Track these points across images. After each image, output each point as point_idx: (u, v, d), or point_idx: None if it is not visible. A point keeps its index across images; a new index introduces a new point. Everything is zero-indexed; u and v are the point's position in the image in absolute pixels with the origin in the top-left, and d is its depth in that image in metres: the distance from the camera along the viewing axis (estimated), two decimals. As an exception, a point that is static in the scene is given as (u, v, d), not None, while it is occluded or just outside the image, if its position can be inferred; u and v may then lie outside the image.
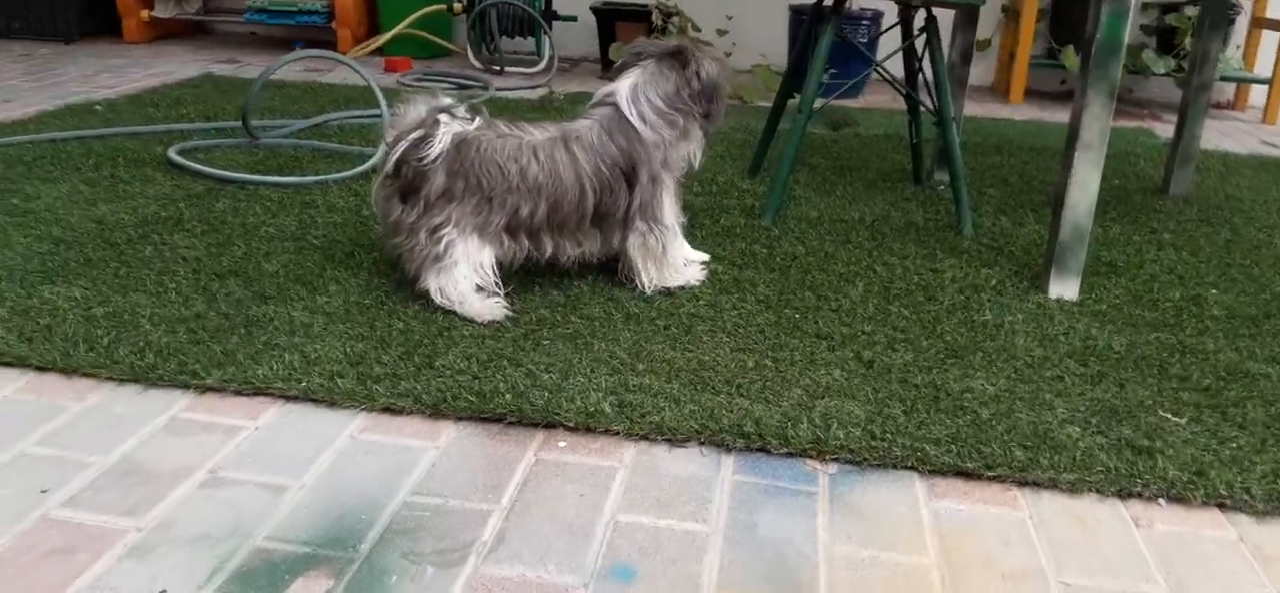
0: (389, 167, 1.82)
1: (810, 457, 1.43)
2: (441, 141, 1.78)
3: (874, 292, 2.02)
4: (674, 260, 1.97)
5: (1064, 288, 2.05)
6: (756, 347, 1.73)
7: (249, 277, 1.92)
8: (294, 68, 4.41)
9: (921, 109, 2.75)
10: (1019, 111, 4.25)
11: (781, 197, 2.44)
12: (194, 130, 3.05)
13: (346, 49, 4.82)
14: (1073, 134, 1.99)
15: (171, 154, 2.68)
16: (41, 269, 1.91)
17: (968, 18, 2.82)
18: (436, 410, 1.49)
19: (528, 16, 4.61)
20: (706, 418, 1.48)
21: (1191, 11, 4.30)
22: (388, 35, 4.75)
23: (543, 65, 4.63)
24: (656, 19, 4.48)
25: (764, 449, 1.44)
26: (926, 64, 2.58)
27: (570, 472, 1.38)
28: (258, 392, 1.53)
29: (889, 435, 1.46)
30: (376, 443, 1.42)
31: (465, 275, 1.81)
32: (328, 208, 2.36)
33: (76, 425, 1.43)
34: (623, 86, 1.93)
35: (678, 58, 1.94)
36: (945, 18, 2.68)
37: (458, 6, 4.74)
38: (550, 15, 4.76)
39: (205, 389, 1.54)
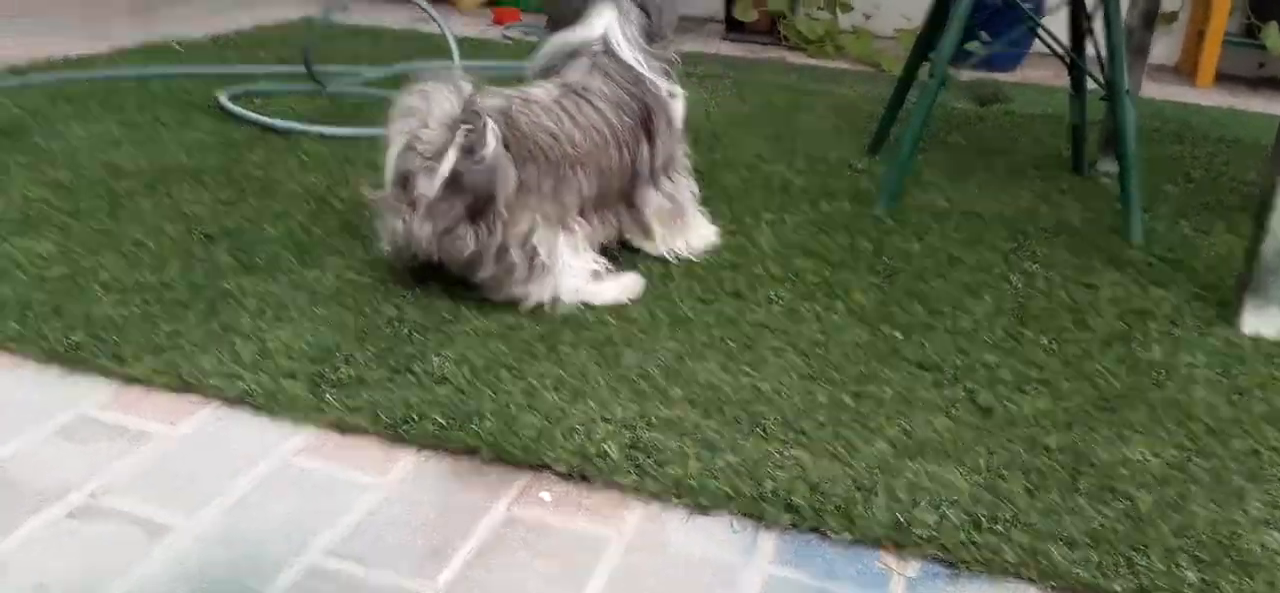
0: (436, 188, 1.39)
1: (884, 548, 1.03)
2: (493, 131, 1.40)
3: (1005, 310, 1.57)
4: (697, 217, 1.73)
5: (1263, 323, 1.55)
6: (836, 376, 1.33)
7: (243, 240, 1.64)
8: (401, 15, 4.18)
9: (1088, 82, 2.25)
10: (1208, 96, 3.61)
11: (900, 181, 2.00)
12: (261, 74, 2.81)
13: (462, 0, 4.56)
14: (1292, 119, 1.49)
15: (221, 98, 2.43)
16: (22, 218, 1.67)
17: (1154, -27, 2.28)
18: (396, 434, 1.15)
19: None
20: (746, 477, 1.09)
21: None
22: (499, -15, 4.45)
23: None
24: (788, -24, 4.03)
25: (819, 530, 1.04)
26: (1099, 26, 2.08)
27: (547, 539, 1.01)
28: (189, 388, 1.23)
29: (1002, 527, 1.04)
30: (310, 472, 1.10)
31: (584, 264, 1.50)
32: (367, 165, 2.06)
33: (-38, 417, 1.16)
34: (610, 27, 1.61)
35: None
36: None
37: (575, -43, 4.39)
38: (673, -31, 4.36)
39: (131, 381, 1.24)
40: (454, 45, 2.52)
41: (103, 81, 2.61)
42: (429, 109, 1.40)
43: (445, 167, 1.36)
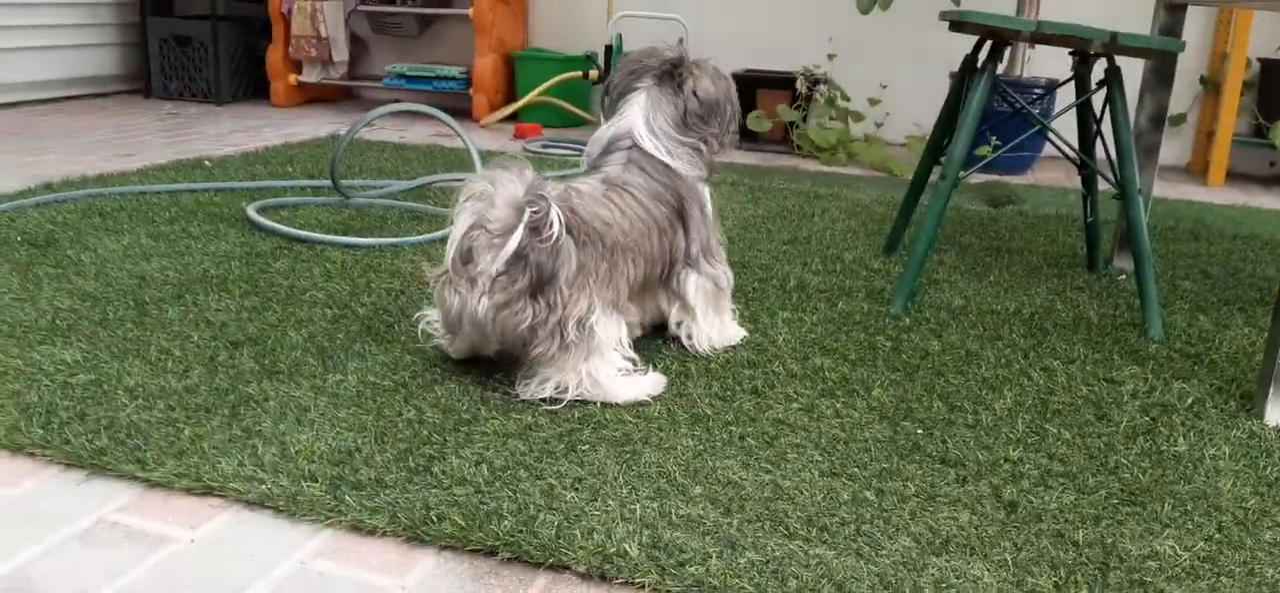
0: (501, 265, 1.44)
1: (909, 645, 1.00)
2: (557, 213, 1.45)
3: (1026, 405, 1.56)
4: (730, 305, 1.78)
5: (1291, 415, 1.53)
6: (857, 472, 1.32)
7: (267, 346, 1.66)
8: (425, 130, 4.28)
9: (1099, 181, 2.27)
10: (1219, 195, 3.63)
11: (916, 279, 2.01)
12: (289, 187, 2.88)
13: (483, 116, 4.67)
14: (1305, 210, 1.49)
15: (249, 210, 2.49)
16: (51, 326, 1.70)
17: (1160, 75, 2.33)
18: (415, 535, 1.15)
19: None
20: (769, 576, 1.08)
21: None
22: (522, 102, 4.57)
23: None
24: (801, 87, 4.12)
25: (843, 628, 1.02)
26: (1107, 126, 2.11)
27: (566, 639, 1.00)
28: (210, 492, 1.23)
29: (1028, 621, 1.02)
30: (327, 575, 1.09)
31: (623, 351, 1.54)
32: (392, 273, 2.09)
33: (-14, 521, 1.17)
34: (635, 123, 1.67)
35: (673, 77, 1.70)
36: (1132, 75, 2.22)
37: (593, 74, 4.52)
38: (688, 81, 4.46)
39: (152, 485, 1.25)
40: (478, 158, 2.58)
41: (133, 196, 2.68)
42: (495, 192, 1.46)
43: (511, 244, 1.42)
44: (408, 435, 1.37)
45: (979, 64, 2.07)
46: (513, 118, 4.62)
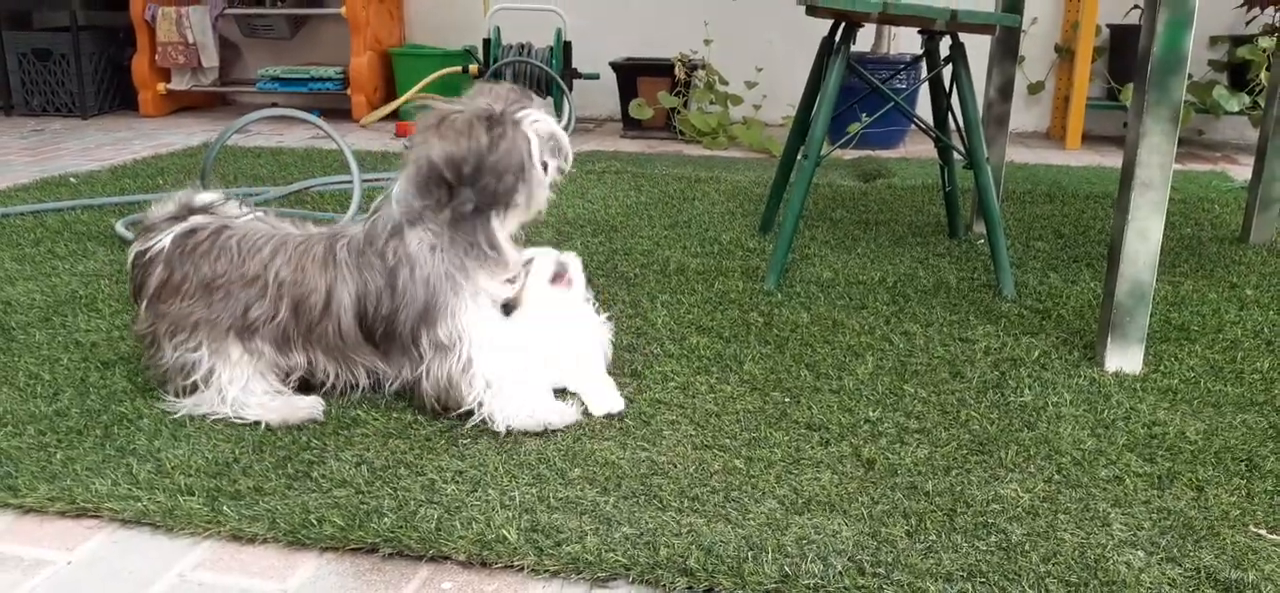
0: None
1: (773, 600, 1.07)
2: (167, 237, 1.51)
3: (886, 368, 1.65)
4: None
5: (1123, 359, 1.66)
6: (728, 444, 1.38)
7: (140, 364, 1.63)
8: (303, 134, 4.21)
9: (955, 152, 2.39)
10: (1076, 158, 3.84)
11: (786, 255, 2.09)
12: (157, 200, 2.80)
13: (362, 115, 4.62)
14: (1128, 171, 1.62)
15: (118, 226, 2.43)
16: (-92, 360, 1.65)
17: (1006, 48, 2.46)
18: (295, 539, 1.16)
19: (546, 76, 4.35)
20: (642, 547, 1.13)
21: (1266, 42, 3.87)
22: (402, 100, 4.53)
23: (563, 124, 4.36)
24: (680, 73, 4.20)
25: (712, 591, 1.08)
26: (956, 100, 2.22)
27: (448, 625, 1.04)
28: (85, 513, 1.22)
29: (883, 569, 1.09)
30: (208, 585, 1.10)
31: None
32: (269, 281, 2.07)
33: None
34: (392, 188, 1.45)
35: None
36: (981, 47, 2.35)
37: (474, 68, 4.51)
38: (571, 74, 4.50)
39: (25, 511, 1.23)
40: (352, 161, 2.57)
41: (-7, 219, 2.59)
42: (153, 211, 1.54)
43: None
44: (287, 443, 1.38)
45: (835, 44, 2.16)
46: (393, 116, 4.58)
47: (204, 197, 1.54)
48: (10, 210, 2.65)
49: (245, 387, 1.44)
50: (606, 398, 1.49)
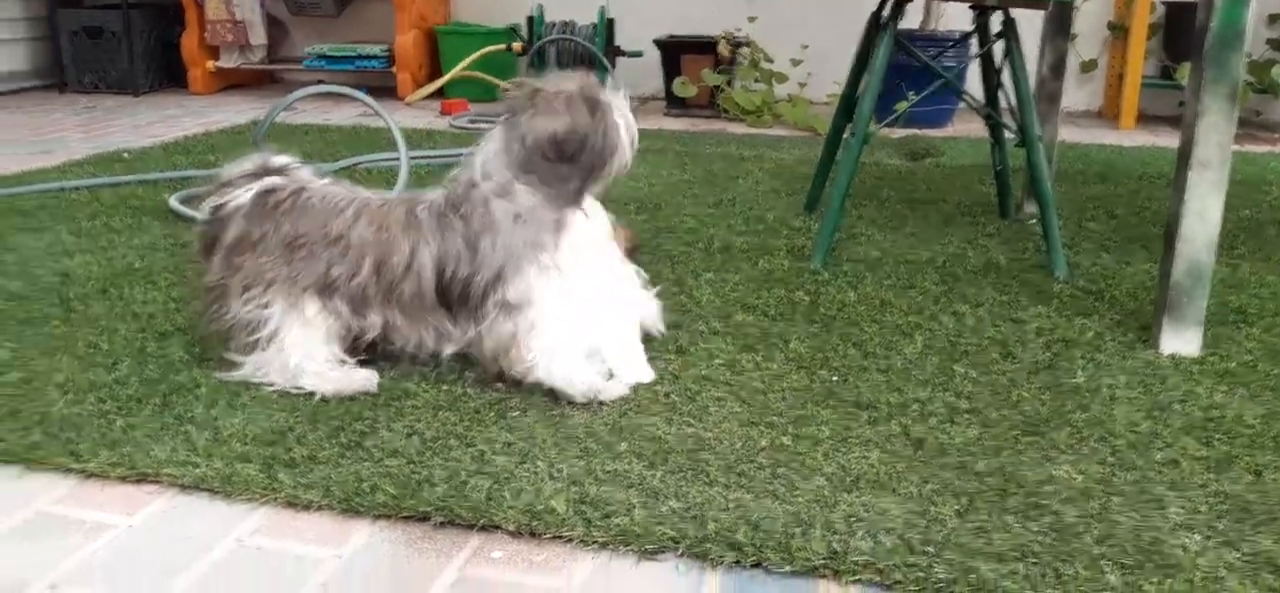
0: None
1: (822, 577, 1.07)
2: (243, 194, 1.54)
3: (935, 348, 1.64)
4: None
5: (1180, 341, 1.63)
6: (774, 420, 1.38)
7: (196, 335, 1.67)
8: (351, 111, 4.25)
9: (1006, 131, 2.36)
10: (1130, 137, 3.77)
11: (833, 234, 2.08)
12: (211, 177, 2.85)
13: (407, 93, 4.65)
14: (1185, 150, 1.59)
15: (172, 201, 2.47)
16: (-27, 329, 1.69)
17: (1059, 24, 2.42)
18: (349, 506, 1.18)
19: (589, 53, 4.35)
20: (690, 520, 1.13)
21: (1332, 19, 3.77)
22: (446, 77, 4.56)
23: (604, 102, 4.36)
24: (724, 51, 4.18)
25: (761, 565, 1.08)
26: (1008, 77, 2.19)
27: (499, 594, 1.05)
28: (145, 479, 1.25)
29: (933, 548, 1.09)
30: (266, 550, 1.12)
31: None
32: (319, 256, 2.10)
33: (-81, 523, 1.18)
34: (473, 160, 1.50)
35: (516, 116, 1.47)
36: (1033, 23, 2.31)
37: (517, 45, 4.52)
38: (613, 51, 4.49)
39: (88, 476, 1.26)
40: (400, 138, 2.59)
41: (53, 193, 2.64)
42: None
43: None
44: (339, 413, 1.40)
45: (883, 21, 2.14)
46: (438, 94, 4.60)
47: (279, 159, 1.57)
48: (68, 185, 2.70)
49: (307, 353, 1.45)
50: (635, 368, 1.50)
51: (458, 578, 1.08)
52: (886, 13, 2.14)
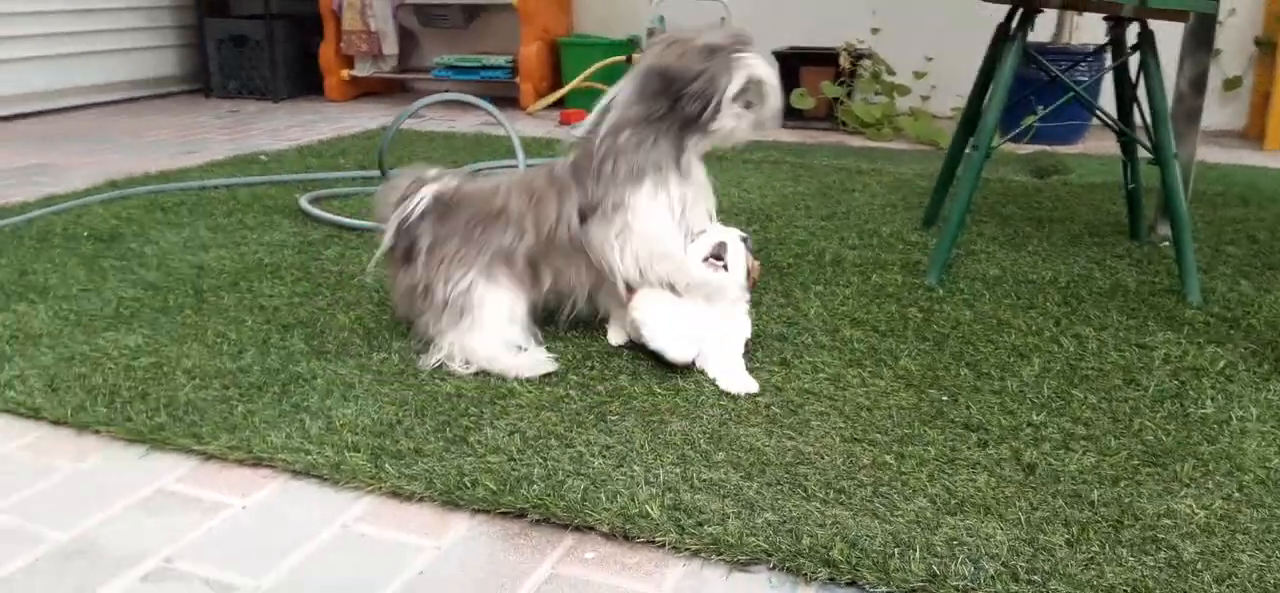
0: (388, 239, 1.67)
1: (919, 599, 1.04)
2: (423, 193, 1.67)
3: (1053, 371, 1.57)
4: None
5: (1324, 375, 1.53)
6: (878, 438, 1.35)
7: (316, 329, 1.73)
8: (474, 119, 4.36)
9: (1139, 148, 2.25)
10: (1275, 159, 3.55)
11: (950, 250, 2.03)
12: (340, 179, 2.97)
13: (529, 103, 4.74)
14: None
15: (301, 201, 2.58)
16: (115, 315, 1.80)
17: (1199, 37, 2.30)
18: (450, 500, 1.21)
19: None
20: (784, 534, 1.12)
21: None
22: (567, 88, 4.63)
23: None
24: (845, 63, 4.12)
25: (856, 583, 1.06)
26: (1142, 92, 2.09)
27: (589, 595, 1.05)
28: (260, 463, 1.31)
29: (1039, 577, 1.05)
30: (368, 537, 1.16)
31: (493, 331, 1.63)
32: (435, 257, 2.16)
33: (55, 492, 1.26)
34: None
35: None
36: (1172, 36, 2.19)
37: (636, 57, 4.56)
38: (732, 62, 4.47)
39: (208, 457, 1.33)
40: (519, 146, 2.64)
41: (193, 191, 2.79)
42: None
43: (392, 221, 1.65)
44: (446, 409, 1.43)
45: (1011, 33, 2.07)
46: (559, 104, 4.67)
47: (429, 171, 1.70)
48: (208, 184, 2.85)
49: (500, 323, 1.59)
50: (739, 379, 1.51)
51: (551, 575, 1.09)
52: (1015, 23, 2.07)
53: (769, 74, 1.61)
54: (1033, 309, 1.86)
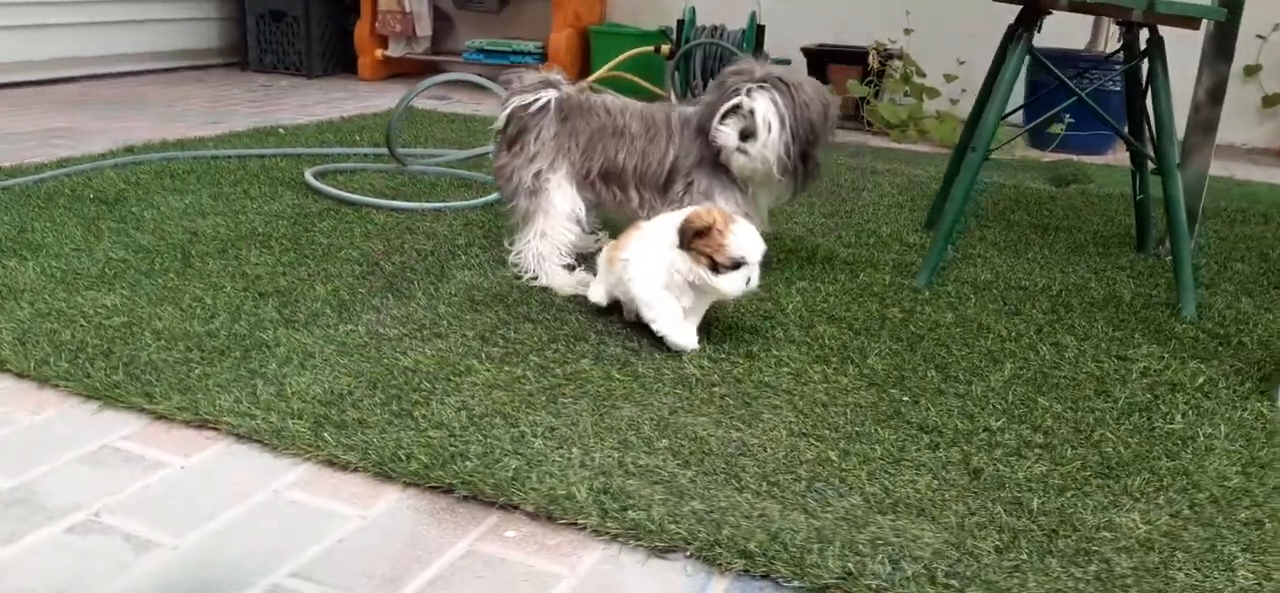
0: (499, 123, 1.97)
1: (833, 596, 1.02)
2: (552, 92, 1.94)
3: (1024, 378, 1.54)
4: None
5: (1303, 397, 1.47)
6: (827, 434, 1.33)
7: (291, 297, 1.75)
8: (495, 103, 4.37)
9: (1147, 159, 2.19)
10: (1314, 178, 3.44)
11: (941, 254, 1.99)
12: (350, 154, 2.99)
13: (556, 88, 4.74)
14: (1325, 184, 1.43)
15: (307, 175, 2.61)
16: (100, 274, 1.83)
17: (1219, 47, 2.23)
18: (383, 471, 1.21)
19: (734, 59, 4.31)
20: (707, 523, 1.10)
21: None
22: (594, 76, 4.62)
23: (747, 109, 4.32)
24: (873, 62, 4.07)
25: (770, 576, 1.04)
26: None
27: (502, 575, 1.05)
28: (206, 425, 1.32)
29: (958, 582, 1.02)
30: (298, 503, 1.16)
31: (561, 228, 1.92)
32: (428, 234, 2.17)
33: (8, 442, 1.28)
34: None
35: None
36: (1188, 47, 2.11)
37: (665, 48, 4.54)
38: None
39: (158, 417, 1.34)
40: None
41: (206, 160, 2.83)
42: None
43: (508, 107, 1.94)
44: (400, 382, 1.43)
45: (1016, 33, 2.03)
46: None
47: (555, 75, 1.96)
48: (221, 153, 2.89)
49: (560, 224, 1.88)
50: (684, 333, 1.58)
51: (468, 551, 1.08)
52: (1021, 24, 2.03)
53: (766, 112, 1.77)
54: (1017, 316, 1.82)
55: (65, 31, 4.50)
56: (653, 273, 1.57)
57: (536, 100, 1.88)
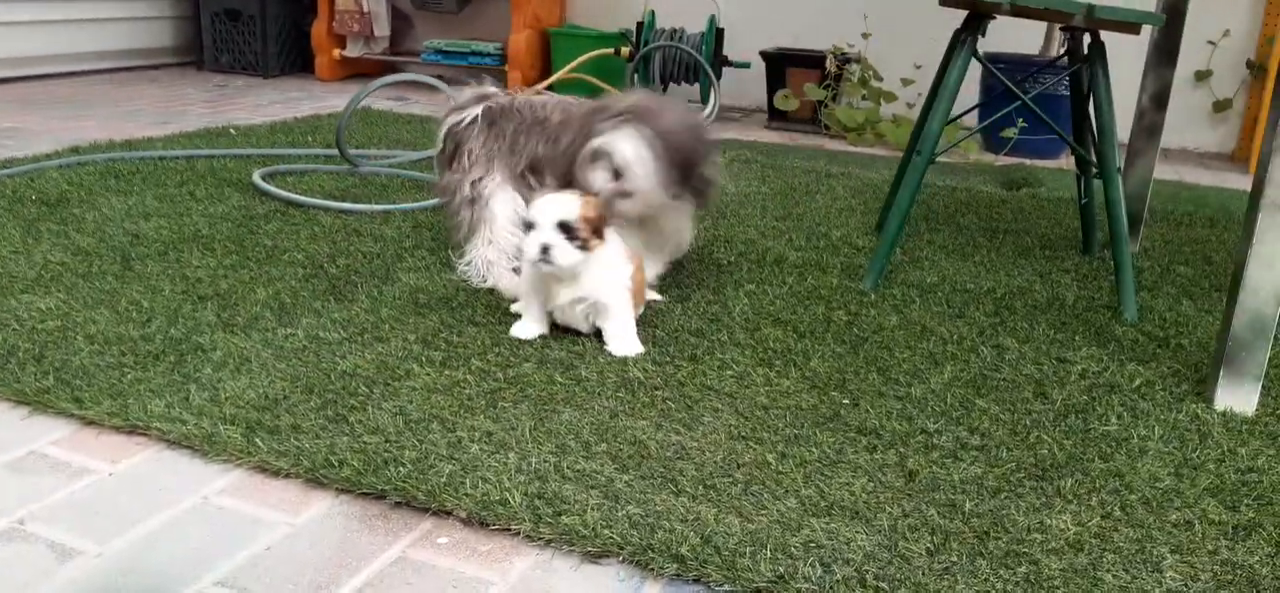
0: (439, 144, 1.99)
1: (764, 600, 1.02)
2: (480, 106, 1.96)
3: (964, 380, 1.55)
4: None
5: (1235, 398, 1.50)
6: (766, 437, 1.33)
7: (231, 300, 1.72)
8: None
9: (1090, 163, 2.22)
10: (1259, 182, 3.50)
11: (886, 257, 2.00)
12: (300, 156, 2.96)
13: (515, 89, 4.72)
14: (1257, 190, 1.46)
15: (255, 176, 2.57)
16: (37, 278, 1.79)
17: (1163, 52, 2.27)
18: (315, 478, 1.20)
19: (694, 62, 4.33)
20: (640, 527, 1.10)
21: None
22: (554, 77, 4.60)
23: (707, 113, 4.33)
24: (831, 66, 4.09)
25: (701, 580, 1.04)
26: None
27: (432, 581, 1.04)
28: (136, 431, 1.29)
29: (888, 584, 1.02)
30: (227, 510, 1.14)
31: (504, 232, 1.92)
32: (374, 237, 2.15)
33: (-73, 449, 1.25)
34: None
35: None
36: (1133, 50, 2.14)
37: (624, 50, 4.54)
38: (721, 61, 4.46)
39: (88, 422, 1.32)
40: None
41: (153, 160, 2.79)
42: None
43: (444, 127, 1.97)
44: (337, 387, 1.42)
45: (961, 38, 2.05)
46: (548, 89, 4.66)
47: (490, 87, 2.00)
48: (168, 154, 2.84)
49: (504, 225, 1.88)
50: (625, 341, 1.59)
51: (399, 558, 1.07)
52: (966, 29, 2.04)
53: (636, 150, 1.70)
54: (961, 318, 1.83)
55: (13, 30, 4.41)
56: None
57: (468, 115, 1.92)
